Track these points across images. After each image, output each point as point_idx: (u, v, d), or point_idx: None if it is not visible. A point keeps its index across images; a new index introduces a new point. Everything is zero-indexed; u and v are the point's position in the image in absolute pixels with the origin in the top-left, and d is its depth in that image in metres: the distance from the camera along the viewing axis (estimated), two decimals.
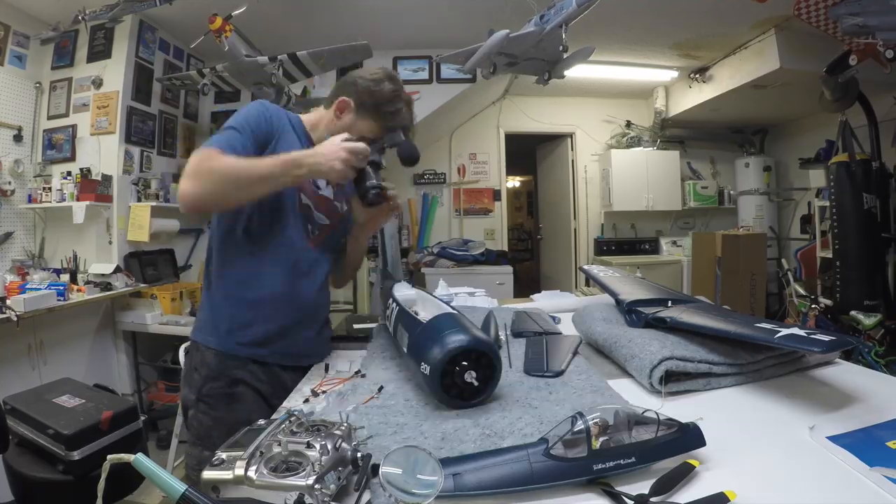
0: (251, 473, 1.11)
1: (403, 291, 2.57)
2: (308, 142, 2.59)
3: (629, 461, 1.26)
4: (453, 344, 1.77)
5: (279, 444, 1.18)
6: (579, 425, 1.29)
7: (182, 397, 2.57)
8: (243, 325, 2.45)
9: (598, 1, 5.24)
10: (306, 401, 1.99)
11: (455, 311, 2.08)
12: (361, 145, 2.31)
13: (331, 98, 2.62)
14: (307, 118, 2.67)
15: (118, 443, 3.48)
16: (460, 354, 1.76)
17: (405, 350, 2.04)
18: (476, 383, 1.77)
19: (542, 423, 1.59)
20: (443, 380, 1.77)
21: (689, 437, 1.33)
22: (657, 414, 1.33)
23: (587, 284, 8.33)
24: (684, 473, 1.25)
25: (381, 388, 2.01)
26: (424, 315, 2.19)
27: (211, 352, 2.46)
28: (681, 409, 1.62)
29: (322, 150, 2.28)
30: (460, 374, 1.76)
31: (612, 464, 1.26)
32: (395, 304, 2.43)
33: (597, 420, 1.30)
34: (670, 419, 1.35)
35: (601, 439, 1.28)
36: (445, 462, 1.26)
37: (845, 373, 2.12)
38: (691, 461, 1.29)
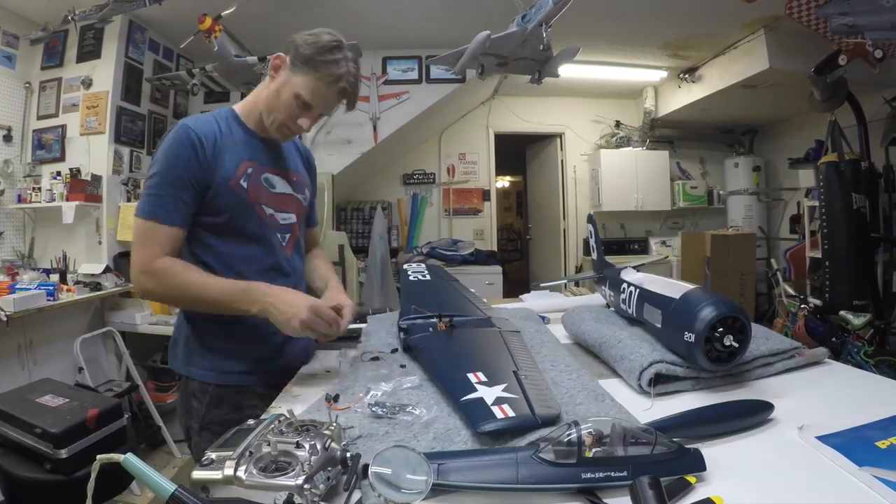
0: (241, 473, 1.11)
1: (635, 276, 2.56)
2: (247, 132, 2.48)
3: (620, 474, 1.24)
4: (712, 312, 1.83)
5: (268, 444, 1.18)
6: (572, 433, 1.28)
7: (184, 424, 2.50)
8: (238, 356, 2.42)
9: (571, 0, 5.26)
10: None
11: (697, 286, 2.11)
12: (330, 316, 2.21)
13: (268, 68, 2.48)
14: (241, 106, 2.56)
15: (105, 440, 3.47)
16: (719, 321, 1.82)
17: (659, 326, 2.08)
18: (735, 345, 1.83)
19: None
20: (705, 345, 1.82)
21: (687, 459, 1.32)
22: (657, 434, 1.32)
23: (577, 284, 8.33)
24: (679, 489, 1.24)
25: (369, 391, 2.00)
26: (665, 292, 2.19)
27: (209, 384, 2.40)
28: (670, 409, 1.62)
29: (284, 299, 2.19)
30: (720, 338, 1.82)
31: (602, 474, 1.25)
32: (633, 288, 2.43)
33: (590, 430, 1.29)
34: (671, 440, 1.34)
35: (594, 450, 1.27)
36: (432, 455, 1.27)
37: (834, 373, 2.13)
38: (688, 478, 1.28)
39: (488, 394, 1.70)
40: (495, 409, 1.60)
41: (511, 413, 1.57)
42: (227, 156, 2.35)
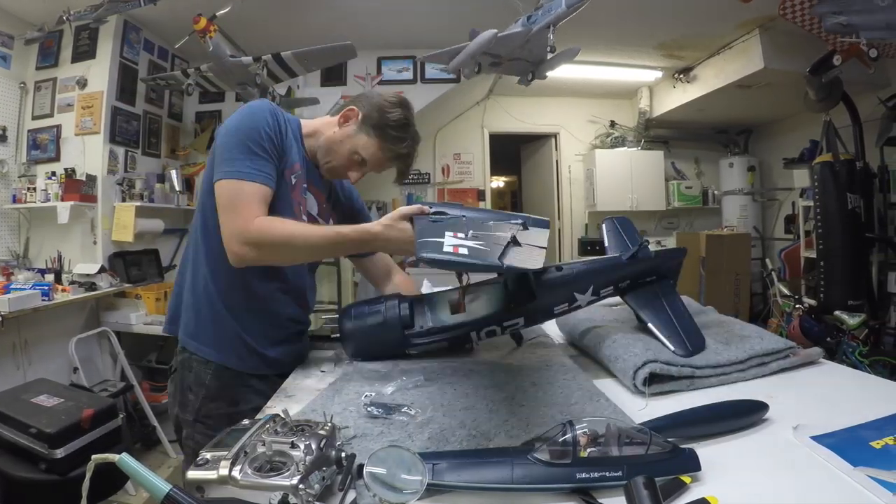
0: (235, 473, 1.11)
1: None
2: (301, 146, 2.50)
3: (615, 474, 1.24)
4: None
5: (263, 444, 1.17)
6: (567, 433, 1.28)
7: (174, 417, 2.49)
8: (253, 343, 2.40)
9: (588, 2, 5.25)
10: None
11: None
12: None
13: (341, 107, 2.55)
14: (308, 124, 2.58)
15: (100, 440, 3.47)
16: None
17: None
18: None
19: (529, 426, 1.60)
20: None
21: (682, 459, 1.32)
22: (651, 434, 1.32)
23: None
24: (674, 489, 1.25)
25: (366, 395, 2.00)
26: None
27: (209, 367, 2.37)
28: (664, 409, 1.63)
29: (391, 234, 2.20)
30: None
31: (596, 475, 1.24)
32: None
33: (585, 430, 1.29)
34: (666, 440, 1.34)
35: (589, 450, 1.27)
36: (427, 456, 1.27)
37: (829, 373, 2.13)
38: (683, 478, 1.28)
39: (451, 241, 1.74)
40: (448, 248, 1.67)
41: (464, 252, 1.63)
42: (291, 151, 2.39)
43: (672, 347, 2.12)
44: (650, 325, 2.30)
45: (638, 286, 2.45)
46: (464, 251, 1.68)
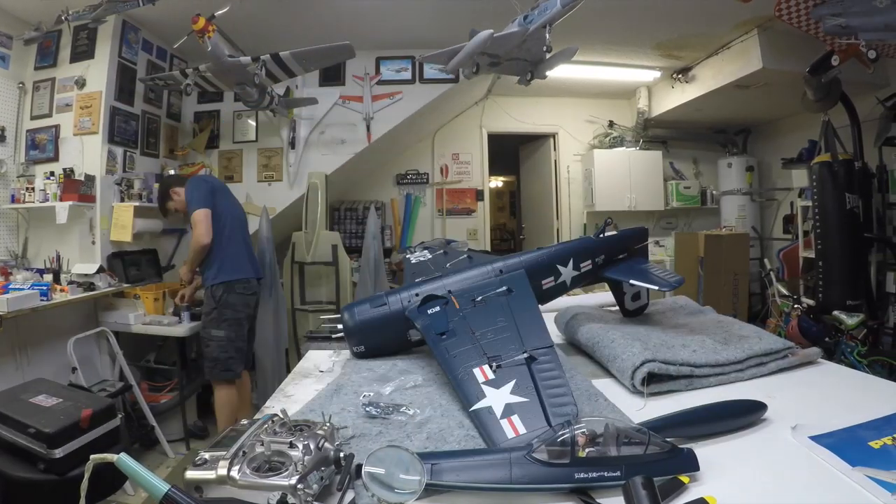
0: (234, 473, 1.11)
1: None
2: None
3: (613, 474, 1.25)
4: None
5: (262, 444, 1.18)
6: (566, 433, 1.28)
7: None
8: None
9: (582, 1, 5.26)
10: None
11: None
12: None
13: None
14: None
15: (98, 440, 3.47)
16: None
17: None
18: None
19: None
20: None
21: (680, 459, 1.32)
22: (649, 434, 1.32)
23: None
24: (672, 489, 1.25)
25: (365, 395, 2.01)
26: None
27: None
28: (663, 409, 1.63)
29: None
30: None
31: (595, 474, 1.25)
32: None
33: (584, 430, 1.30)
34: (664, 440, 1.34)
35: (588, 450, 1.27)
36: (425, 455, 1.27)
37: (827, 373, 2.14)
38: (681, 477, 1.28)
39: (497, 400, 1.69)
40: (504, 424, 1.59)
41: (522, 430, 1.56)
42: None
43: (656, 287, 2.37)
44: (631, 281, 2.52)
45: (612, 263, 2.65)
46: (520, 427, 1.57)
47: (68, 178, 6.24)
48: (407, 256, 2.69)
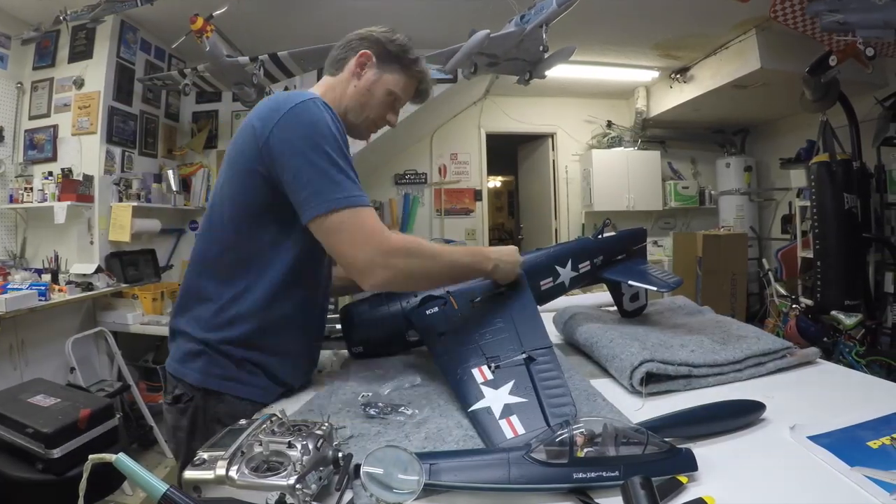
0: (232, 473, 1.11)
1: None
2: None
3: (612, 474, 1.25)
4: None
5: (260, 444, 1.17)
6: (564, 433, 1.28)
7: (191, 451, 2.08)
8: (275, 369, 2.14)
9: (577, 1, 5.26)
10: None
11: None
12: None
13: (337, 60, 2.44)
14: (327, 96, 2.23)
15: (96, 440, 3.46)
16: None
17: None
18: None
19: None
20: None
21: (679, 459, 1.32)
22: (648, 434, 1.33)
23: None
24: (671, 489, 1.25)
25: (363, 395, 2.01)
26: None
27: (246, 403, 2.06)
28: (661, 409, 1.63)
29: (503, 254, 2.24)
30: None
31: (593, 474, 1.25)
32: None
33: (582, 430, 1.30)
34: (663, 440, 1.34)
35: (586, 450, 1.28)
36: (424, 455, 1.27)
37: (826, 373, 2.14)
38: (680, 477, 1.28)
39: (495, 400, 1.70)
40: (503, 425, 1.61)
41: (521, 430, 1.57)
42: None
43: (654, 288, 2.42)
44: (630, 282, 2.58)
45: (611, 264, 2.67)
46: (519, 427, 1.61)
47: (66, 178, 6.24)
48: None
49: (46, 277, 5.85)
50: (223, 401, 2.04)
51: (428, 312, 2.24)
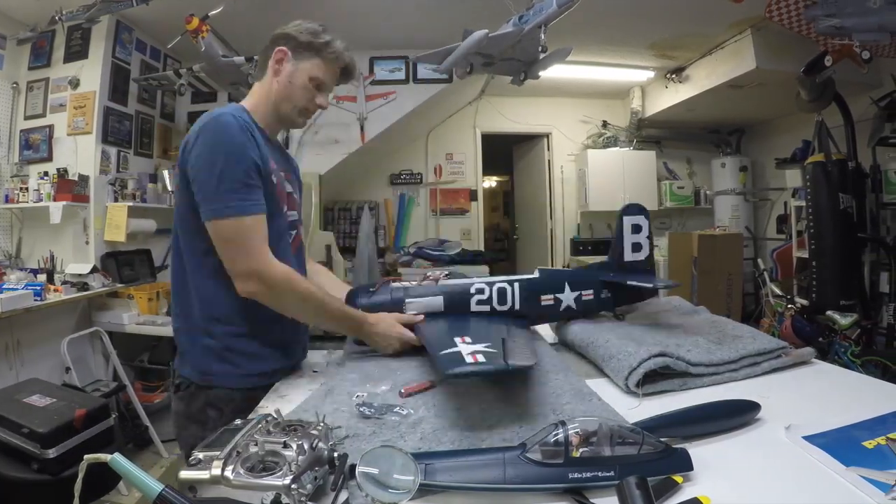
0: (228, 473, 1.11)
1: None
2: (262, 132, 2.44)
3: (607, 474, 1.25)
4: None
5: (256, 444, 1.18)
6: (559, 433, 1.28)
7: (188, 437, 2.35)
8: (262, 357, 2.36)
9: (579, 1, 5.26)
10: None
11: None
12: (409, 335, 2.41)
13: (260, 65, 2.62)
14: (249, 106, 2.50)
15: (92, 440, 3.46)
16: None
17: None
18: None
19: (521, 426, 1.61)
20: None
21: (674, 459, 1.32)
22: (643, 434, 1.32)
23: None
24: (666, 489, 1.25)
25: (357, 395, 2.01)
26: None
27: (236, 391, 2.31)
28: (657, 409, 1.63)
29: (380, 328, 2.40)
30: None
31: (589, 474, 1.25)
32: None
33: (577, 430, 1.30)
34: (658, 440, 1.34)
35: (582, 450, 1.28)
36: (419, 456, 1.27)
37: (821, 373, 2.14)
38: (675, 477, 1.29)
39: (467, 349, 1.81)
40: (468, 357, 1.72)
41: (482, 360, 1.68)
42: (264, 149, 2.34)
43: (651, 286, 2.68)
44: (630, 282, 2.66)
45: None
46: (481, 358, 1.78)
47: (62, 178, 6.23)
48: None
49: (42, 277, 5.84)
50: (211, 387, 2.32)
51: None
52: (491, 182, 17.35)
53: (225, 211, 2.11)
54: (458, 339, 1.96)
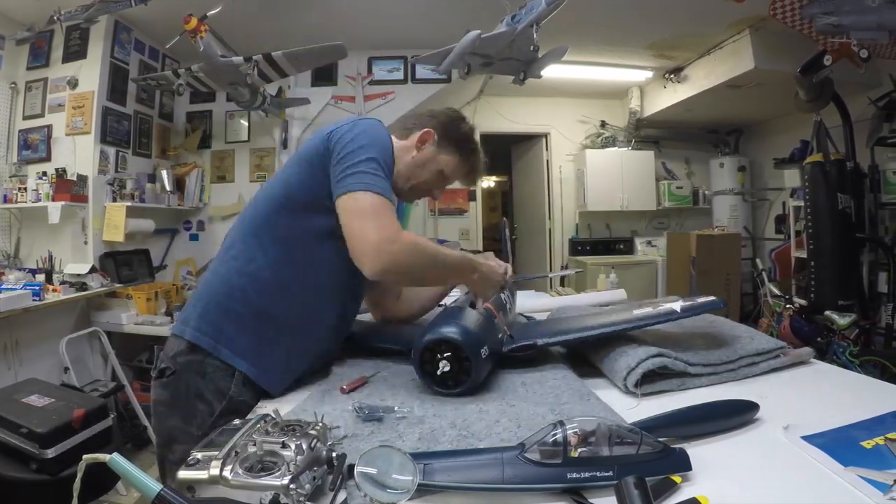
0: (226, 473, 1.11)
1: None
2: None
3: (606, 474, 1.24)
4: (434, 334, 1.91)
5: (254, 444, 1.17)
6: (558, 433, 1.28)
7: (166, 429, 2.10)
8: (297, 368, 2.20)
9: (566, 1, 5.27)
10: None
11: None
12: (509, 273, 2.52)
13: (405, 127, 2.57)
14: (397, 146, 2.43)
15: (90, 440, 3.46)
16: (437, 344, 1.90)
17: None
18: (446, 369, 1.88)
19: (519, 426, 1.61)
20: (423, 366, 1.93)
21: (673, 459, 1.32)
22: (642, 434, 1.32)
23: (562, 284, 8.28)
24: (665, 489, 1.25)
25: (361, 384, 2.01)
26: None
27: (231, 375, 2.05)
28: (656, 409, 1.63)
29: (490, 263, 2.44)
30: (437, 362, 1.88)
31: (587, 474, 1.24)
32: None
33: (576, 430, 1.29)
34: (656, 440, 1.34)
35: (580, 450, 1.27)
36: (418, 456, 1.27)
37: (819, 373, 2.14)
38: (674, 477, 1.28)
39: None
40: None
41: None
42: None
43: None
44: None
45: None
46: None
47: (60, 178, 6.23)
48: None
49: (40, 277, 5.83)
50: (205, 375, 2.05)
51: None
52: (489, 182, 17.34)
53: (374, 187, 2.05)
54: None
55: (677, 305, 2.19)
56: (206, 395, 2.03)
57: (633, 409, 1.74)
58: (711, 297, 2.24)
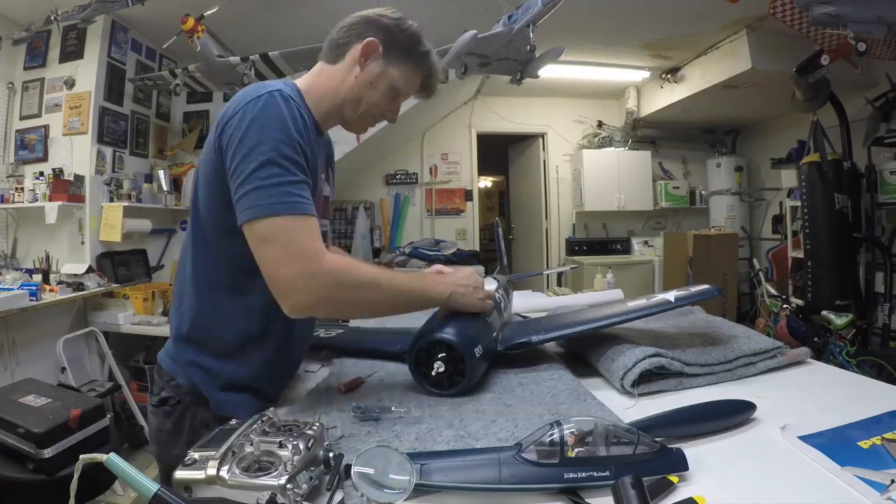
0: (223, 473, 1.12)
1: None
2: (317, 128, 2.02)
3: (603, 474, 1.24)
4: (429, 336, 1.91)
5: (251, 444, 1.18)
6: (555, 433, 1.28)
7: (173, 458, 1.81)
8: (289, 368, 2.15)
9: (562, 1, 5.27)
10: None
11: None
12: (490, 292, 2.18)
13: (336, 45, 2.08)
14: (311, 88, 2.06)
15: (87, 440, 3.46)
16: (431, 345, 1.89)
17: None
18: (441, 370, 1.85)
19: (516, 426, 1.61)
20: (417, 367, 1.92)
21: (670, 459, 1.32)
22: (639, 434, 1.32)
23: (559, 284, 8.28)
24: (662, 489, 1.25)
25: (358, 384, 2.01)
26: None
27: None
28: (652, 409, 1.63)
29: (460, 274, 2.11)
30: (431, 363, 1.86)
31: (584, 474, 1.25)
32: None
33: (573, 430, 1.29)
34: (653, 440, 1.34)
35: (577, 450, 1.27)
36: (415, 455, 1.28)
37: (816, 373, 2.14)
38: (671, 477, 1.28)
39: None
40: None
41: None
42: (316, 145, 1.96)
43: None
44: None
45: None
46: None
47: (58, 178, 6.22)
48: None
49: (37, 277, 5.84)
50: (209, 405, 1.94)
51: None
52: (486, 182, 17.34)
53: (275, 207, 1.70)
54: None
55: (671, 296, 2.21)
56: (213, 425, 1.70)
57: (630, 409, 1.74)
58: (706, 286, 2.24)
